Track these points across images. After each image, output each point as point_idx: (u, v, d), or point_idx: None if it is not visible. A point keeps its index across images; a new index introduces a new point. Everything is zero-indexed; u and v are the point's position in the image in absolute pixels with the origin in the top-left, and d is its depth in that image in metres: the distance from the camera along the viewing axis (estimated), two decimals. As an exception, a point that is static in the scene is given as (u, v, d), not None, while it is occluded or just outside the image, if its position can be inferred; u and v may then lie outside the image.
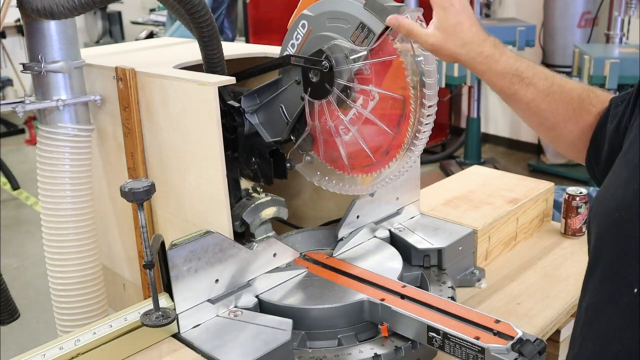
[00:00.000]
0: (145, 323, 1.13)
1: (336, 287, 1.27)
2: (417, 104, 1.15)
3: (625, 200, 0.81)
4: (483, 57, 1.04)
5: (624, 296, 0.80)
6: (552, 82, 1.05)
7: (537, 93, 1.05)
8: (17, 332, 3.04)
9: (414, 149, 1.20)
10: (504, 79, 1.05)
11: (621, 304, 0.80)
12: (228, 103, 1.35)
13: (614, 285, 0.82)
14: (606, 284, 0.84)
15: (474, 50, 1.04)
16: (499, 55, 1.05)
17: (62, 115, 1.48)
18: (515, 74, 1.04)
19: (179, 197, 1.40)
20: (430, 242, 1.44)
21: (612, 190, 0.85)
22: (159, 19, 7.30)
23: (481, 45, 1.04)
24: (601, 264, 0.85)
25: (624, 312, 0.80)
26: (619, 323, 0.80)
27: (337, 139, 1.28)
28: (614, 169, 0.89)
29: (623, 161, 0.87)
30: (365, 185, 1.31)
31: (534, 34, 5.00)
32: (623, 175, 0.85)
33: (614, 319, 0.81)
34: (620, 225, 0.81)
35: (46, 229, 1.53)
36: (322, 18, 1.22)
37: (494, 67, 1.04)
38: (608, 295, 0.83)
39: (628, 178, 0.83)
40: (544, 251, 1.64)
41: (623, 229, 0.81)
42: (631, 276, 0.79)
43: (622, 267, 0.81)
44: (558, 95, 1.05)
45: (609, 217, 0.83)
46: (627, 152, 0.88)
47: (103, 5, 1.63)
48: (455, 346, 1.09)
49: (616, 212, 0.82)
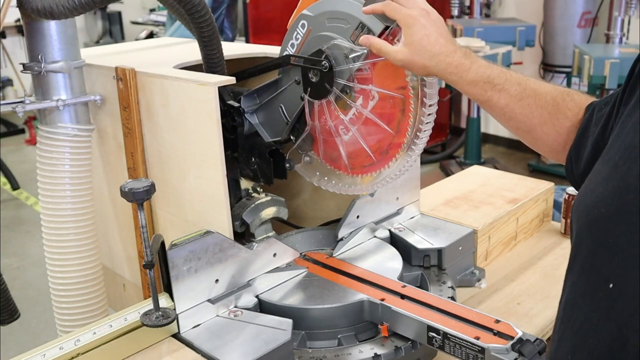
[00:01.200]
0: (145, 323, 1.13)
1: (336, 287, 1.27)
2: (417, 104, 1.15)
3: (605, 197, 0.82)
4: (453, 67, 1.07)
5: (599, 291, 0.80)
6: (524, 87, 1.08)
7: (510, 98, 1.07)
8: (17, 332, 3.04)
9: (414, 148, 1.20)
10: (475, 86, 1.08)
11: (596, 299, 0.81)
12: (228, 103, 1.35)
13: (591, 280, 0.83)
14: (583, 278, 0.85)
15: (443, 61, 1.07)
16: (470, 64, 1.07)
17: (62, 115, 1.48)
18: (486, 81, 1.07)
19: (179, 197, 1.40)
20: (430, 242, 1.44)
21: (592, 187, 0.87)
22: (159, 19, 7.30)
23: (450, 55, 1.07)
24: (579, 259, 0.86)
25: (599, 307, 0.80)
26: (595, 318, 0.81)
27: (336, 138, 1.28)
28: (596, 167, 0.90)
29: (605, 159, 0.88)
30: (365, 185, 1.31)
31: (534, 34, 5.00)
32: (604, 172, 0.86)
33: (590, 314, 0.82)
34: (598, 221, 0.82)
35: (46, 229, 1.53)
36: (321, 18, 1.22)
37: (465, 76, 1.07)
38: (585, 290, 0.84)
39: (608, 175, 0.84)
40: (544, 251, 1.64)
41: (601, 225, 0.81)
42: (607, 271, 0.80)
43: (599, 262, 0.81)
44: (532, 100, 1.07)
45: (589, 214, 0.84)
46: (609, 150, 0.89)
47: (103, 5, 1.63)
48: (455, 346, 1.09)
49: (595, 208, 0.83)
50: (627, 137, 0.85)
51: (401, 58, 1.09)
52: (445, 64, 1.07)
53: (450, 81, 1.09)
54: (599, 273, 0.81)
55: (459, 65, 1.07)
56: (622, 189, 0.80)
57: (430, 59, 1.07)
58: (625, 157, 0.82)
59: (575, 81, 4.70)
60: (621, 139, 0.87)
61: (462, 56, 1.08)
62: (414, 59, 1.08)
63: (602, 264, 0.81)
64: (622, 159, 0.83)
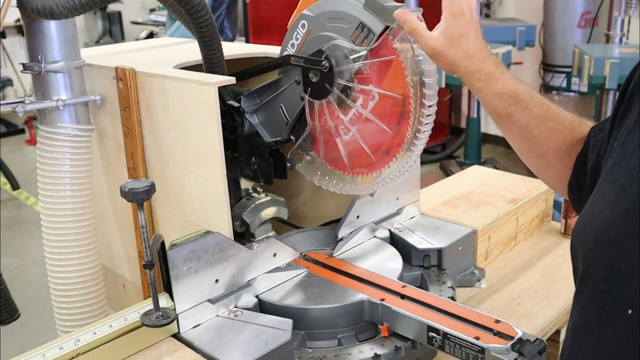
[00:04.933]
0: (145, 323, 1.13)
1: (336, 287, 1.27)
2: (417, 104, 1.15)
3: (614, 220, 0.79)
4: (483, 73, 1.03)
5: (616, 317, 0.78)
6: (547, 109, 1.05)
7: (532, 118, 1.04)
8: (17, 332, 3.04)
9: (414, 148, 1.20)
10: (500, 99, 1.03)
11: (613, 326, 0.78)
12: (228, 103, 1.35)
13: (606, 306, 0.80)
14: (596, 304, 0.81)
15: (474, 64, 1.03)
16: (499, 75, 1.03)
17: (62, 115, 1.48)
18: (512, 95, 1.03)
19: (179, 197, 1.40)
20: (430, 242, 1.44)
21: (598, 210, 0.84)
22: (159, 19, 7.30)
23: (483, 61, 1.03)
24: (589, 284, 0.83)
25: (616, 334, 0.77)
26: (611, 345, 0.78)
27: (337, 139, 1.28)
28: (598, 189, 0.87)
29: (609, 181, 0.85)
30: (365, 185, 1.31)
31: (534, 34, 5.00)
32: (609, 194, 0.83)
33: (606, 341, 0.79)
34: (609, 246, 0.79)
35: (46, 229, 1.53)
36: (322, 18, 1.22)
37: (493, 85, 1.03)
38: (598, 316, 0.81)
39: (615, 198, 0.81)
40: (544, 251, 1.64)
41: (613, 249, 0.79)
42: (625, 297, 0.77)
43: (614, 288, 0.78)
44: (552, 123, 1.04)
45: (597, 238, 0.81)
46: (612, 171, 0.86)
47: (103, 5, 1.63)
48: (455, 346, 1.09)
49: (605, 232, 0.80)
50: (632, 158, 0.82)
51: (434, 46, 1.03)
52: (475, 68, 1.03)
53: (475, 87, 1.04)
54: (615, 299, 0.78)
55: (489, 73, 1.02)
56: (632, 212, 0.78)
57: (463, 58, 1.02)
58: (633, 179, 0.80)
59: (575, 81, 4.70)
60: (625, 161, 0.84)
61: (493, 64, 1.03)
62: (447, 52, 1.03)
63: (618, 290, 0.77)
64: (630, 180, 0.80)
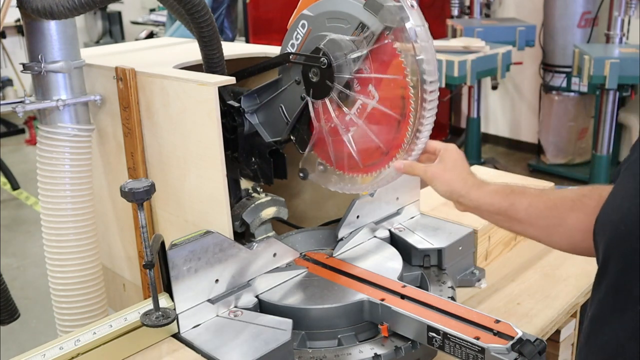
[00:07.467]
0: (145, 323, 1.13)
1: (336, 287, 1.27)
2: (417, 104, 1.15)
3: (631, 214, 0.81)
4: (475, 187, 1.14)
5: (628, 310, 0.80)
6: (542, 189, 1.13)
7: (533, 197, 1.10)
8: (17, 332, 3.04)
9: (414, 148, 1.20)
10: (497, 194, 1.12)
11: (625, 318, 0.80)
12: (228, 103, 1.35)
13: (619, 300, 0.82)
14: (611, 296, 0.84)
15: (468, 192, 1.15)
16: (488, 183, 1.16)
17: (62, 115, 1.48)
18: (508, 187, 1.13)
19: (179, 197, 1.40)
20: (430, 242, 1.44)
21: (618, 202, 0.86)
22: (159, 19, 7.29)
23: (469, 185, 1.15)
24: (607, 276, 0.85)
25: (628, 327, 0.80)
26: (622, 336, 0.81)
27: (337, 139, 1.27)
28: (620, 181, 0.89)
29: (630, 174, 0.87)
30: (365, 185, 1.31)
31: (534, 34, 5.00)
32: (629, 187, 0.84)
33: (617, 332, 0.81)
34: (625, 239, 0.81)
35: (46, 229, 1.53)
36: (321, 18, 1.22)
37: (486, 187, 1.14)
38: (613, 308, 0.83)
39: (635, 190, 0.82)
40: (544, 251, 1.64)
41: (629, 243, 0.80)
42: (636, 292, 0.79)
43: (627, 281, 0.80)
44: (552, 194, 1.10)
45: (615, 230, 0.83)
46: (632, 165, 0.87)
47: (103, 5, 1.63)
48: (455, 346, 1.09)
49: (622, 224, 0.81)
50: None
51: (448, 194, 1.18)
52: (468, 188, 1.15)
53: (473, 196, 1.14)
54: (628, 293, 0.80)
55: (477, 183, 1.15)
56: None
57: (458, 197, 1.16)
58: None
59: (575, 81, 4.70)
60: None
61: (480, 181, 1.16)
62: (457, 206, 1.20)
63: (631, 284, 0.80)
64: None
